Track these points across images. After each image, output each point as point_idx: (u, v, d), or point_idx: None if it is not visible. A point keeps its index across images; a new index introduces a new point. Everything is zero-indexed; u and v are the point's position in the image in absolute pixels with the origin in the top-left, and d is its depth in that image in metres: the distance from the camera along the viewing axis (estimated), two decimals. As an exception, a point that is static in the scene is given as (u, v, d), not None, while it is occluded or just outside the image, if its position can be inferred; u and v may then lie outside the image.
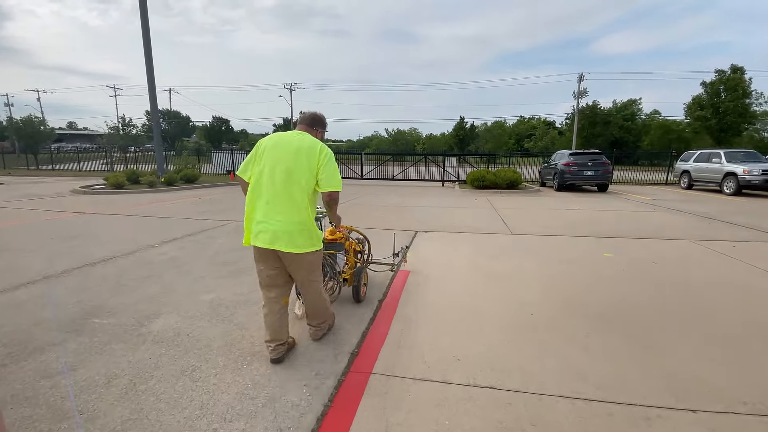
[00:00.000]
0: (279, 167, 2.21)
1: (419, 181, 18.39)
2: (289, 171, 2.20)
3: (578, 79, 39.95)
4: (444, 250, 5.15)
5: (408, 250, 4.37)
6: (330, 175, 2.26)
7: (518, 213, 8.49)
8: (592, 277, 4.03)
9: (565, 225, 6.99)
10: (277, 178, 2.20)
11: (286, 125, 54.71)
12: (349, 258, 3.32)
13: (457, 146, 52.77)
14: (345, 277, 3.19)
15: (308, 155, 2.23)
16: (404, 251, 4.04)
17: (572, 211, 8.92)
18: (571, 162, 13.33)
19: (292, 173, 2.20)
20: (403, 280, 3.89)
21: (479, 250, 5.17)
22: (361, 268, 3.27)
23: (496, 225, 6.98)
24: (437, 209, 9.11)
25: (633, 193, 13.60)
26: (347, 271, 3.22)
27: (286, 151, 2.24)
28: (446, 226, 6.80)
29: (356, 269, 3.24)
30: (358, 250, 3.52)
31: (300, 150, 2.24)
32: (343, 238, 3.24)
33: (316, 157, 2.24)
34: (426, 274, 4.08)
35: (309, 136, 2.35)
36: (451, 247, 5.32)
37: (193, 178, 15.12)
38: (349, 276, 3.21)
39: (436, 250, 5.15)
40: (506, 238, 5.90)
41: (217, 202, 10.20)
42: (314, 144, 2.29)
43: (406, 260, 4.11)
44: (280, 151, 2.24)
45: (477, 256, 4.83)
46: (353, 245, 3.45)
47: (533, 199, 11.40)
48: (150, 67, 13.94)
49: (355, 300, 3.23)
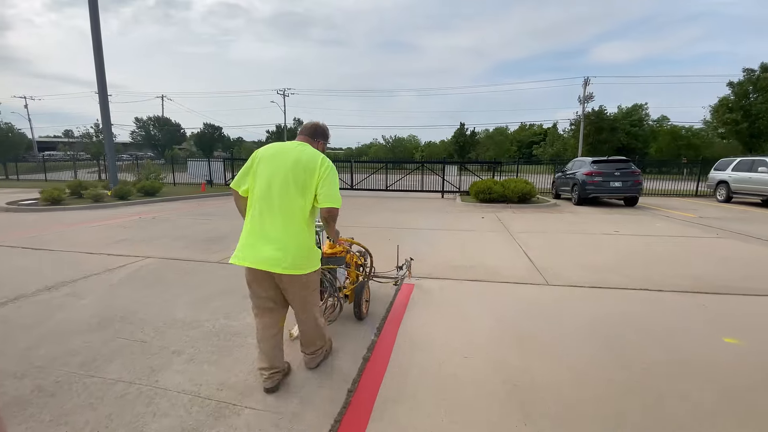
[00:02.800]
0: (276, 180, 2.05)
1: (416, 192, 16.35)
2: (286, 184, 2.04)
3: (584, 83, 38.17)
4: (449, 327, 3.06)
5: (411, 264, 4.03)
6: (330, 191, 2.08)
7: (542, 240, 6.40)
8: (737, 408, 1.94)
9: (617, 262, 4.91)
10: (273, 192, 2.04)
11: (278, 132, 52.83)
12: (351, 272, 3.17)
13: (457, 153, 50.84)
14: (346, 293, 3.05)
15: (308, 168, 2.07)
16: (408, 263, 3.93)
17: (612, 236, 6.84)
18: (595, 171, 11.28)
19: (290, 187, 2.04)
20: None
21: (504, 325, 3.08)
22: (363, 283, 3.12)
23: (519, 263, 4.89)
24: (436, 234, 7.03)
25: (665, 207, 11.53)
26: (348, 287, 3.09)
27: (284, 162, 2.08)
28: (449, 266, 4.71)
29: (357, 284, 3.09)
30: (359, 263, 3.36)
31: (299, 162, 2.07)
32: (344, 252, 3.11)
33: (317, 170, 2.07)
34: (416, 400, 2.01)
35: (309, 147, 2.18)
36: (458, 318, 3.23)
37: (152, 190, 13.05)
38: (350, 292, 3.08)
39: (435, 326, 3.05)
40: (540, 293, 3.82)
41: (159, 222, 8.12)
42: (315, 156, 2.12)
43: (410, 273, 3.97)
44: (278, 163, 2.08)
45: (504, 348, 2.73)
46: (354, 258, 3.29)
47: (553, 218, 9.33)
48: (100, 62, 11.97)
49: (357, 318, 3.08)
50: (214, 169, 19.05)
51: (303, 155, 2.09)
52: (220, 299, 3.57)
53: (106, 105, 12.25)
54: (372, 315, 3.23)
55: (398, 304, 3.46)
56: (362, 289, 3.04)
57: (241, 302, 3.42)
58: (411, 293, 3.77)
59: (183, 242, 6.03)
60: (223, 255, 5.20)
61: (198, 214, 9.39)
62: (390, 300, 3.57)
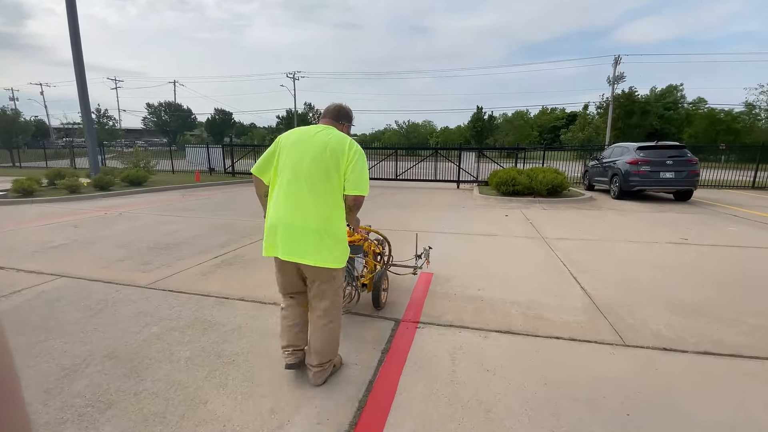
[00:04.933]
0: (303, 166, 1.94)
1: (429, 183, 14.80)
2: (315, 170, 1.93)
3: (614, 62, 35.22)
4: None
5: (429, 252, 3.71)
6: (358, 177, 1.96)
7: (590, 252, 4.86)
8: None
9: (716, 298, 3.36)
10: (301, 179, 1.93)
11: (288, 118, 51.45)
12: (369, 261, 3.02)
13: (474, 139, 48.45)
14: (364, 282, 2.91)
15: (336, 152, 1.94)
16: (427, 252, 3.67)
17: (682, 247, 5.22)
18: (641, 159, 9.47)
19: (320, 172, 1.93)
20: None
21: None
22: (381, 271, 3.01)
23: (569, 296, 3.40)
24: (449, 240, 5.55)
25: (723, 203, 9.69)
26: (366, 275, 2.95)
27: (311, 146, 1.97)
28: (466, 299, 3.25)
29: (376, 273, 2.98)
30: (377, 252, 3.22)
31: (326, 146, 1.95)
32: (362, 240, 2.99)
33: (345, 153, 1.95)
34: None
35: (335, 131, 2.07)
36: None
37: (138, 179, 11.91)
38: (368, 281, 2.96)
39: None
40: (617, 366, 2.33)
41: (121, 220, 6.89)
42: (343, 139, 2.00)
43: (429, 261, 3.67)
44: (304, 147, 1.97)
45: None
46: (372, 247, 3.12)
47: (593, 217, 7.70)
48: (76, 37, 10.73)
49: (375, 307, 3.02)
50: (213, 155, 17.88)
51: (330, 139, 1.98)
52: (99, 375, 2.23)
53: (84, 85, 11.06)
54: (391, 304, 3.12)
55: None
56: (381, 278, 2.95)
57: (131, 384, 2.07)
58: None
59: (124, 252, 4.74)
60: (160, 274, 3.89)
61: (174, 210, 8.14)
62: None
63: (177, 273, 3.98)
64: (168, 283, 3.69)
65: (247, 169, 17.08)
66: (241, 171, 17.17)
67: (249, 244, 5.13)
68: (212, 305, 3.17)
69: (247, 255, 4.65)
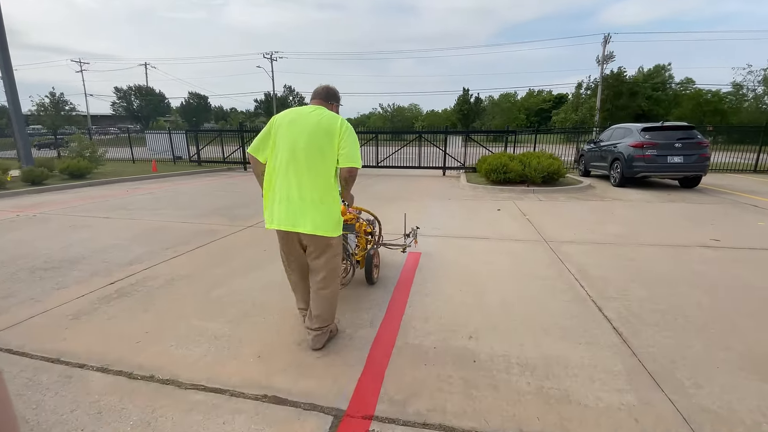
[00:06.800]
0: (299, 144, 2.06)
1: (412, 169, 13.63)
2: (311, 147, 2.06)
3: (603, 41, 34.17)
4: None
5: (417, 232, 3.83)
6: (350, 151, 2.10)
7: (607, 262, 3.81)
8: None
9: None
10: (299, 156, 2.06)
11: (267, 101, 49.15)
12: (360, 239, 3.18)
13: (460, 122, 47.21)
14: (357, 259, 3.06)
15: (329, 130, 2.08)
16: (415, 232, 3.76)
17: (717, 252, 4.23)
18: (647, 142, 8.46)
19: (315, 150, 2.06)
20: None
21: None
22: (372, 249, 3.15)
23: (602, 344, 2.33)
24: (430, 246, 4.44)
25: (732, 189, 8.82)
26: (359, 253, 3.12)
27: (305, 126, 2.09)
28: (452, 368, 2.17)
29: (368, 251, 3.12)
30: (368, 231, 3.34)
31: (319, 125, 2.09)
32: (354, 219, 3.14)
33: (337, 131, 2.09)
34: None
35: (326, 110, 2.19)
36: None
37: (80, 172, 10.41)
38: (361, 258, 3.13)
39: None
40: None
41: (26, 225, 5.56)
42: (334, 118, 2.14)
43: (416, 241, 3.79)
44: (300, 127, 2.09)
45: None
46: (363, 226, 3.28)
47: (597, 209, 6.69)
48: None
49: (368, 282, 3.17)
50: (177, 142, 16.28)
51: (322, 118, 2.10)
52: None
53: (8, 64, 9.40)
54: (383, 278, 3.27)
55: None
56: (372, 256, 3.09)
57: None
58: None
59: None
60: (10, 317, 2.67)
61: (104, 209, 6.81)
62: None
63: (39, 314, 2.77)
64: (12, 334, 2.49)
65: (215, 158, 15.60)
66: (208, 159, 15.67)
67: (171, 259, 3.92)
68: (50, 384, 1.99)
69: (160, 276, 3.46)
